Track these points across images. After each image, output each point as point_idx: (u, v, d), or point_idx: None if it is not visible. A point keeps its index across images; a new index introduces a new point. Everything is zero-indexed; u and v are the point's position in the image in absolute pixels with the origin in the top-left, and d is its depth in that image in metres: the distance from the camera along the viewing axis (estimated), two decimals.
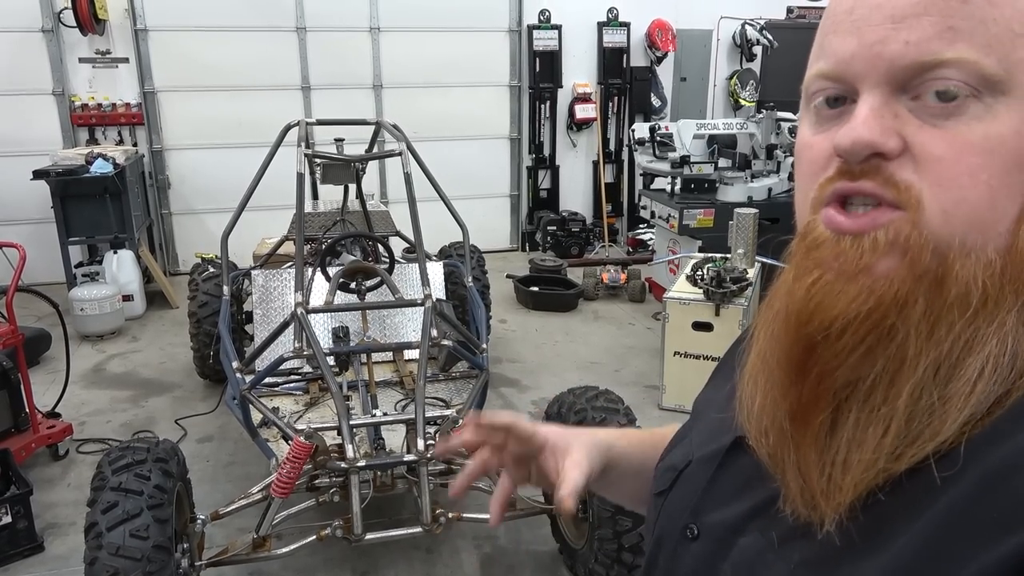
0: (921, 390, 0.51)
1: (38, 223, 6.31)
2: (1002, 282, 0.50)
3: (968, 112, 0.50)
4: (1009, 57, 0.50)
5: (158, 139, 6.82)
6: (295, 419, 3.23)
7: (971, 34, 0.50)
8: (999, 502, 0.46)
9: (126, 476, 2.32)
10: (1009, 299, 0.50)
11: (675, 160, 5.78)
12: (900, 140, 0.52)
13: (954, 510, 0.48)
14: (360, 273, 3.47)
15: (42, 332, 4.99)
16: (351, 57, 7.10)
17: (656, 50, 7.77)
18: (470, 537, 3.14)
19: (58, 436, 3.75)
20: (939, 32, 0.50)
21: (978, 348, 0.50)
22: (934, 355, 0.51)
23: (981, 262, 0.51)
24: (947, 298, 0.51)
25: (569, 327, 5.70)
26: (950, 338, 0.51)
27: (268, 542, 2.54)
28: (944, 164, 0.51)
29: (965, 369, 0.50)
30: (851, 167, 0.54)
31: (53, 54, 6.42)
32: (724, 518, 0.65)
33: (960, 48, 0.50)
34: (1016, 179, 0.50)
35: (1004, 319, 0.50)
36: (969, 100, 0.50)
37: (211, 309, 4.24)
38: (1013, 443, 0.47)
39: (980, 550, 0.45)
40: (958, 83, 0.50)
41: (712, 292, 4.04)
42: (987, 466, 0.48)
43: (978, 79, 0.50)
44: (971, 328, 0.50)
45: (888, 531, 0.51)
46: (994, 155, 0.50)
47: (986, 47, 0.49)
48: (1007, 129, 0.50)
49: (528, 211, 8.00)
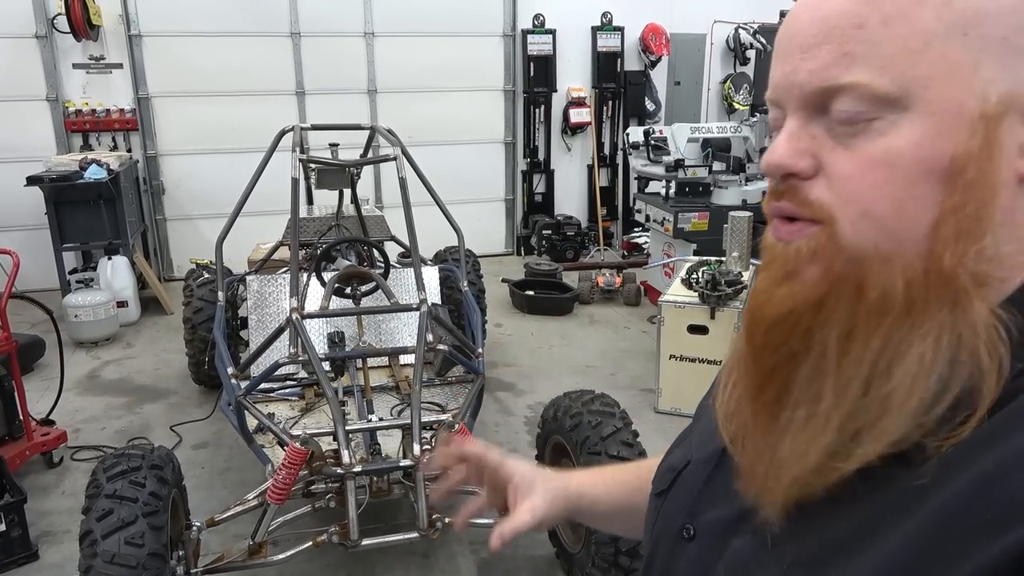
0: (848, 390, 0.54)
1: (32, 229, 6.30)
2: (926, 286, 0.52)
3: (872, 129, 0.53)
4: (906, 75, 0.52)
5: (152, 145, 6.81)
6: (291, 425, 3.22)
7: (866, 57, 0.52)
8: (992, 503, 0.46)
9: (121, 483, 2.31)
10: (937, 303, 0.52)
11: (669, 164, 5.80)
12: (813, 161, 0.56)
13: (947, 512, 0.48)
14: (355, 278, 3.47)
15: (36, 339, 4.97)
16: (346, 62, 7.11)
17: (650, 54, 7.79)
18: (467, 542, 3.13)
19: (52, 443, 3.74)
20: (836, 59, 0.54)
21: (909, 350, 0.52)
22: (859, 356, 0.53)
23: (900, 268, 0.53)
24: (867, 303, 0.53)
25: (565, 331, 5.71)
26: (875, 341, 0.53)
27: (264, 549, 2.53)
28: (851, 181, 0.54)
29: (899, 370, 0.52)
30: (777, 187, 0.59)
31: (47, 60, 6.41)
32: (719, 518, 0.65)
33: (856, 72, 0.53)
34: (923, 189, 0.52)
35: (934, 322, 0.52)
36: (873, 119, 0.53)
37: (206, 315, 4.23)
38: (1006, 446, 0.48)
39: (973, 550, 0.45)
40: (855, 105, 0.53)
41: (707, 295, 4.05)
42: (980, 469, 0.48)
43: (874, 99, 0.52)
44: (900, 330, 0.52)
45: (879, 532, 0.51)
46: (895, 168, 0.52)
47: (880, 68, 0.52)
48: (906, 143, 0.52)
49: (523, 215, 8.00)
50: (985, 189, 0.51)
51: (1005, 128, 0.51)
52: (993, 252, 0.52)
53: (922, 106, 0.52)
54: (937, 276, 0.52)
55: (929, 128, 0.52)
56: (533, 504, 0.91)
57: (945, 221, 0.52)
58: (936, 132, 0.52)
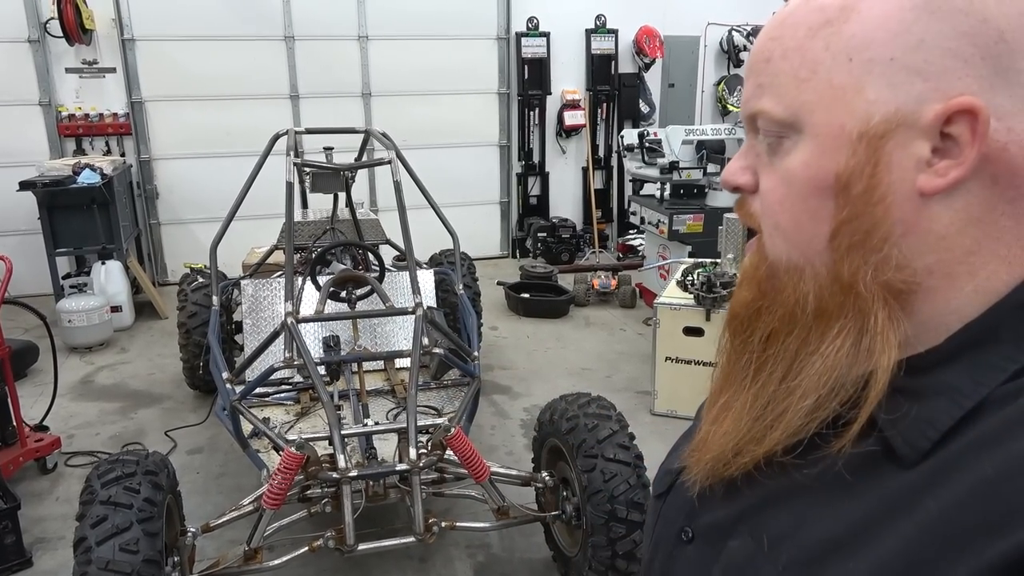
0: (767, 385, 0.60)
1: (25, 234, 6.27)
2: (831, 294, 0.57)
3: (781, 150, 0.59)
4: (795, 101, 0.57)
5: (146, 149, 6.79)
6: (286, 429, 3.21)
7: (770, 87, 0.59)
8: (990, 508, 0.46)
9: (115, 489, 2.30)
10: (842, 310, 0.56)
11: (664, 166, 5.81)
12: (754, 176, 0.63)
13: (944, 515, 0.48)
14: (350, 282, 3.46)
15: (29, 344, 4.95)
16: (339, 66, 7.10)
17: (644, 56, 7.80)
18: (463, 546, 3.12)
19: (46, 449, 3.72)
20: (753, 90, 0.61)
21: (818, 351, 0.57)
22: (776, 354, 0.60)
23: (809, 278, 0.58)
24: (784, 307, 0.60)
25: (560, 333, 5.70)
26: (791, 342, 0.59)
27: (260, 554, 2.52)
28: (766, 196, 0.61)
29: (808, 367, 0.57)
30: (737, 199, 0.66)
31: (39, 64, 6.39)
32: (716, 520, 0.66)
33: (763, 101, 0.59)
34: (816, 204, 0.57)
35: (840, 327, 0.56)
36: (781, 141, 0.59)
37: (200, 319, 4.22)
38: (1005, 450, 0.48)
39: (969, 554, 0.45)
40: (765, 130, 0.60)
41: (702, 297, 4.05)
42: (979, 473, 0.48)
43: (775, 124, 0.59)
44: (812, 333, 0.58)
45: (875, 533, 0.51)
46: (791, 185, 0.59)
47: (777, 96, 0.58)
48: (797, 163, 0.58)
49: (518, 218, 8.01)
50: (872, 203, 0.54)
51: (894, 145, 0.53)
52: (901, 262, 0.55)
53: (809, 129, 0.57)
54: (840, 284, 0.56)
55: (814, 149, 0.57)
56: None
57: (839, 233, 0.56)
58: (820, 152, 0.56)
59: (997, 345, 0.52)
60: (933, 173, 0.53)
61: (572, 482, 2.70)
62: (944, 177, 0.52)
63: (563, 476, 2.80)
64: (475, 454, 2.56)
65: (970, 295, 0.54)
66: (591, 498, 2.54)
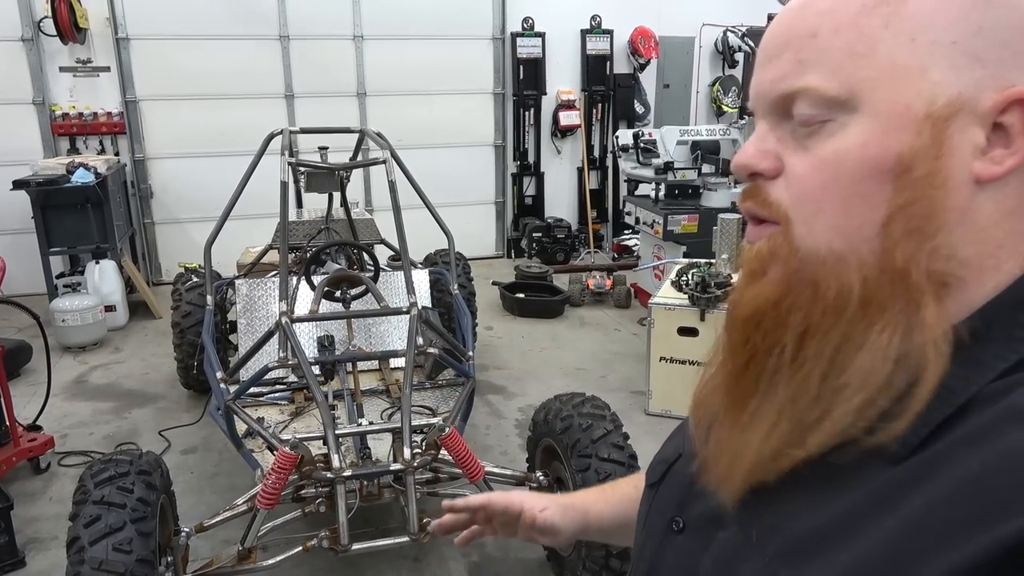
0: (806, 383, 0.56)
1: (18, 233, 6.25)
2: (880, 284, 0.54)
3: (824, 131, 0.56)
4: (852, 77, 0.55)
5: (140, 148, 6.78)
6: (280, 429, 3.20)
7: (817, 63, 0.56)
8: (975, 503, 0.47)
9: (109, 489, 2.29)
10: (891, 300, 0.54)
11: (659, 166, 5.82)
12: (777, 162, 0.60)
13: (929, 509, 0.48)
14: (345, 282, 3.46)
15: (23, 344, 4.93)
16: (335, 65, 7.09)
17: (639, 57, 7.82)
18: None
19: (39, 449, 3.71)
20: (792, 66, 0.57)
21: (867, 344, 0.54)
22: (817, 351, 0.56)
23: (854, 266, 0.55)
24: (824, 301, 0.56)
25: (555, 333, 5.71)
26: (833, 336, 0.55)
27: (254, 554, 2.52)
28: (804, 181, 0.57)
29: (855, 363, 0.54)
30: (746, 187, 0.63)
31: (33, 63, 6.37)
32: (706, 511, 0.66)
33: (808, 77, 0.56)
34: (871, 187, 0.54)
35: (889, 319, 0.53)
36: (825, 121, 0.56)
37: (195, 319, 4.21)
38: (991, 446, 0.48)
39: (951, 549, 0.46)
40: (809, 109, 0.57)
41: (697, 297, 4.06)
42: (965, 468, 0.48)
43: (824, 101, 0.56)
44: (857, 326, 0.54)
45: (860, 526, 0.52)
46: (841, 167, 0.55)
47: (829, 72, 0.55)
48: (853, 142, 0.55)
49: (513, 218, 8.01)
50: (934, 187, 0.53)
51: (955, 129, 0.53)
52: (949, 252, 0.53)
53: (869, 107, 0.54)
54: (891, 274, 0.54)
55: (875, 128, 0.54)
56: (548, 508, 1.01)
57: (894, 219, 0.54)
58: (882, 132, 0.54)
59: (988, 343, 0.53)
60: (989, 160, 0.53)
61: (566, 482, 2.71)
62: (1000, 165, 0.53)
63: (557, 476, 2.80)
64: (469, 454, 2.56)
65: (990, 291, 0.54)
66: None
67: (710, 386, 0.68)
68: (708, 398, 0.68)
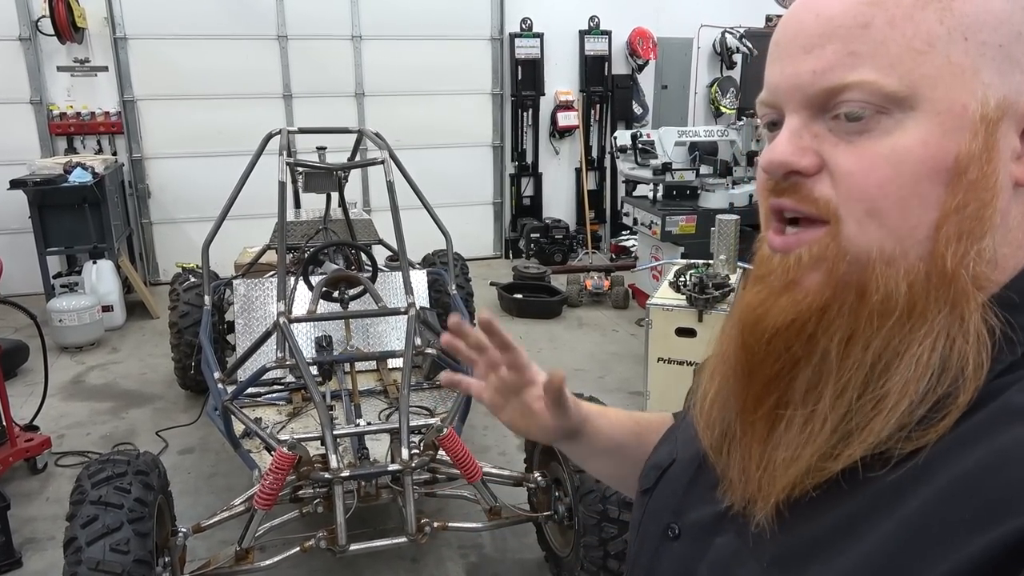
0: (845, 393, 0.54)
1: (15, 233, 6.23)
2: (927, 288, 0.53)
3: (879, 127, 0.54)
4: (912, 73, 0.53)
5: (138, 148, 6.77)
6: (278, 429, 3.20)
7: (872, 56, 0.53)
8: (972, 502, 0.47)
9: (106, 489, 2.29)
10: (937, 304, 0.53)
11: (657, 167, 5.82)
12: (816, 158, 0.56)
13: (927, 511, 0.48)
14: (343, 282, 3.46)
15: (20, 344, 4.92)
16: (333, 65, 7.09)
17: (637, 58, 7.82)
18: (455, 546, 3.12)
19: (36, 449, 3.70)
20: (842, 58, 0.54)
21: (907, 352, 0.52)
22: (860, 360, 0.54)
23: (903, 270, 0.53)
24: (869, 305, 0.54)
25: (553, 334, 5.71)
26: (876, 343, 0.53)
27: (251, 554, 2.52)
28: (855, 178, 0.54)
29: (895, 372, 0.53)
30: (777, 184, 0.59)
31: (31, 63, 6.36)
32: (702, 517, 0.66)
33: (862, 71, 0.53)
34: (927, 188, 0.53)
35: (933, 324, 0.52)
36: (879, 117, 0.53)
37: (192, 319, 4.20)
38: (986, 446, 0.48)
39: (951, 550, 0.46)
40: (862, 103, 0.54)
41: (695, 298, 4.06)
42: (960, 468, 0.48)
43: (882, 97, 0.53)
44: (899, 333, 0.53)
45: (859, 530, 0.52)
46: (901, 166, 0.53)
47: (887, 67, 0.53)
48: (913, 141, 0.53)
49: (511, 218, 8.01)
50: (986, 190, 0.53)
51: (1001, 132, 0.53)
52: (991, 254, 0.53)
53: (928, 106, 0.53)
54: (939, 277, 0.53)
55: (935, 128, 0.53)
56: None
57: (948, 221, 0.53)
58: (942, 132, 0.52)
59: None
60: None
61: (564, 482, 2.71)
62: None
63: (555, 476, 2.80)
64: (467, 454, 2.56)
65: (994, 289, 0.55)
66: (583, 498, 2.54)
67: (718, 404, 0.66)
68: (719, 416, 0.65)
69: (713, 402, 0.67)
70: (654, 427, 0.94)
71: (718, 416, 0.66)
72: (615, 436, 0.92)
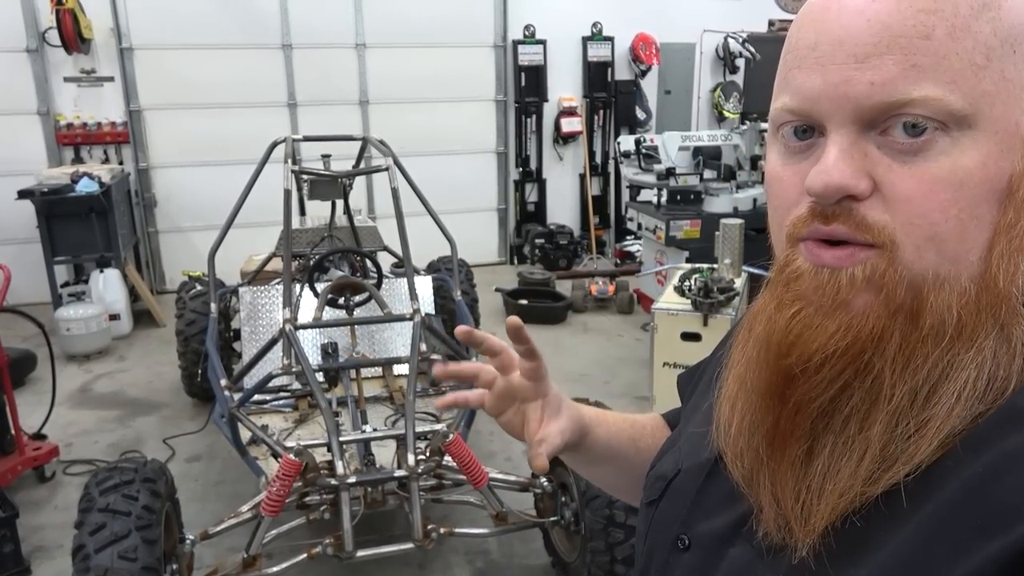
0: (897, 419, 0.52)
1: (23, 243, 6.27)
2: (978, 309, 0.51)
3: (936, 147, 0.51)
4: (974, 91, 0.50)
5: (144, 157, 6.80)
6: (284, 436, 3.21)
7: (935, 70, 0.50)
8: (981, 508, 0.46)
9: (114, 497, 2.30)
10: (986, 325, 0.51)
11: (661, 172, 5.82)
12: (870, 181, 0.53)
13: (939, 518, 0.48)
14: (348, 288, 3.46)
15: (27, 353, 4.95)
16: (337, 74, 7.12)
17: (640, 63, 7.83)
18: (462, 552, 3.12)
19: (44, 458, 3.71)
20: (903, 71, 0.50)
21: (955, 374, 0.51)
22: (910, 385, 0.52)
23: (955, 292, 0.52)
24: (922, 330, 0.52)
25: (558, 339, 5.71)
26: (926, 367, 0.52)
27: (258, 561, 2.52)
28: (914, 203, 0.51)
29: (942, 395, 0.51)
30: (824, 209, 0.54)
31: (38, 73, 6.40)
32: (714, 528, 0.65)
33: (925, 86, 0.50)
34: (984, 210, 0.51)
35: (982, 344, 0.51)
36: (937, 135, 0.50)
37: (198, 327, 4.22)
38: (995, 450, 0.48)
39: (964, 556, 0.46)
40: (924, 121, 0.50)
41: (700, 302, 4.06)
42: (970, 474, 0.48)
43: (946, 115, 0.50)
44: (948, 356, 0.51)
45: (874, 542, 0.51)
46: (962, 189, 0.51)
47: (951, 83, 0.50)
48: (973, 162, 0.50)
49: (516, 224, 8.01)
50: None
51: None
52: None
53: (988, 124, 0.50)
54: (991, 297, 0.51)
55: (994, 147, 0.51)
56: (561, 427, 0.83)
57: (999, 241, 0.51)
58: (1000, 152, 0.51)
59: None
60: None
61: (570, 487, 2.71)
62: None
63: (561, 481, 2.80)
64: (473, 460, 2.56)
65: None
66: (590, 503, 2.54)
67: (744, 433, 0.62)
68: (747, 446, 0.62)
69: (739, 431, 0.63)
70: (648, 431, 0.94)
71: (745, 446, 0.62)
72: (613, 445, 0.90)
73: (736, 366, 0.64)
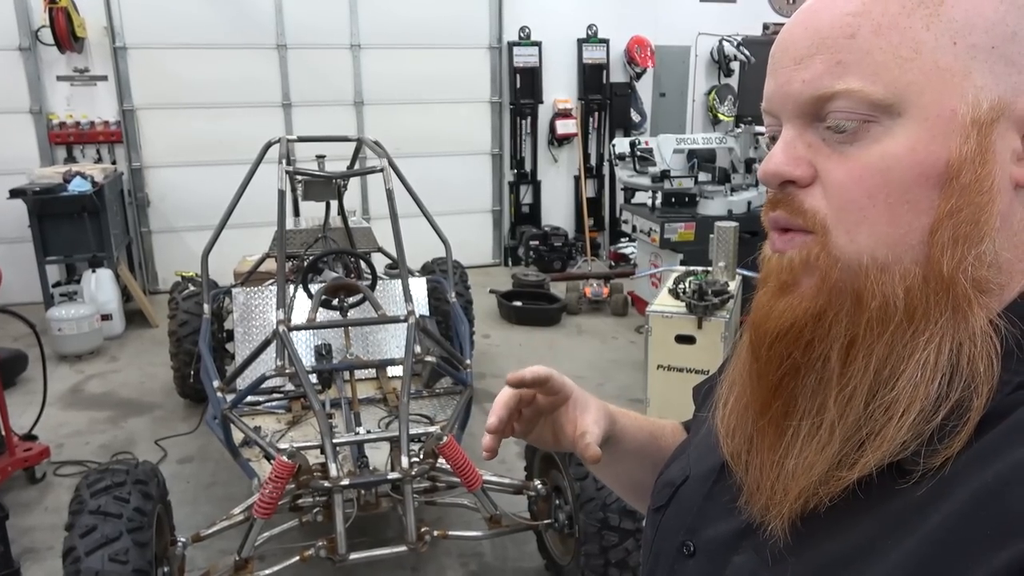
0: (852, 400, 0.54)
1: (14, 242, 6.23)
2: (926, 292, 0.53)
3: (868, 136, 0.54)
4: (898, 81, 0.53)
5: (137, 157, 6.78)
6: (277, 438, 3.19)
7: (858, 65, 0.54)
8: (991, 518, 0.46)
9: (105, 499, 2.28)
10: (938, 308, 0.52)
11: (655, 175, 5.83)
12: (810, 169, 0.57)
13: (947, 527, 0.48)
14: (342, 290, 3.45)
15: (18, 353, 4.92)
16: (332, 74, 7.11)
17: (635, 66, 7.85)
18: (456, 555, 3.11)
19: (35, 459, 3.69)
20: (829, 68, 0.55)
21: (913, 357, 0.52)
22: (862, 366, 0.54)
23: (898, 275, 0.53)
24: (867, 312, 0.54)
25: (553, 341, 5.71)
26: (878, 349, 0.53)
27: (250, 564, 2.51)
28: (845, 188, 0.55)
29: (903, 377, 0.52)
30: (773, 196, 0.60)
31: (30, 72, 6.37)
32: (719, 535, 0.65)
33: (849, 79, 0.54)
34: (918, 194, 0.53)
35: (936, 327, 0.52)
36: (868, 126, 0.54)
37: (191, 328, 4.20)
38: (1005, 460, 0.48)
39: (974, 566, 0.45)
40: (849, 113, 0.54)
41: (694, 305, 4.06)
42: (979, 483, 0.48)
43: (869, 105, 0.54)
44: (902, 338, 0.53)
45: (880, 548, 0.51)
46: (890, 173, 0.53)
47: (872, 75, 0.53)
48: (901, 148, 0.53)
49: (510, 226, 8.02)
50: (981, 193, 0.52)
51: (997, 134, 0.53)
52: (992, 258, 0.53)
53: (916, 112, 0.53)
54: (937, 282, 0.52)
55: (923, 133, 0.53)
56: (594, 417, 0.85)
57: (942, 226, 0.53)
58: (930, 137, 0.53)
59: (1008, 358, 0.52)
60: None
61: (565, 490, 2.70)
62: None
63: (556, 484, 2.80)
64: (467, 463, 2.56)
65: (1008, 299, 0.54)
66: (584, 506, 2.54)
67: (736, 412, 0.65)
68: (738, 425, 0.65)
69: (733, 410, 0.66)
70: (668, 431, 0.94)
71: (737, 424, 0.65)
72: (638, 437, 0.91)
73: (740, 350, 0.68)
